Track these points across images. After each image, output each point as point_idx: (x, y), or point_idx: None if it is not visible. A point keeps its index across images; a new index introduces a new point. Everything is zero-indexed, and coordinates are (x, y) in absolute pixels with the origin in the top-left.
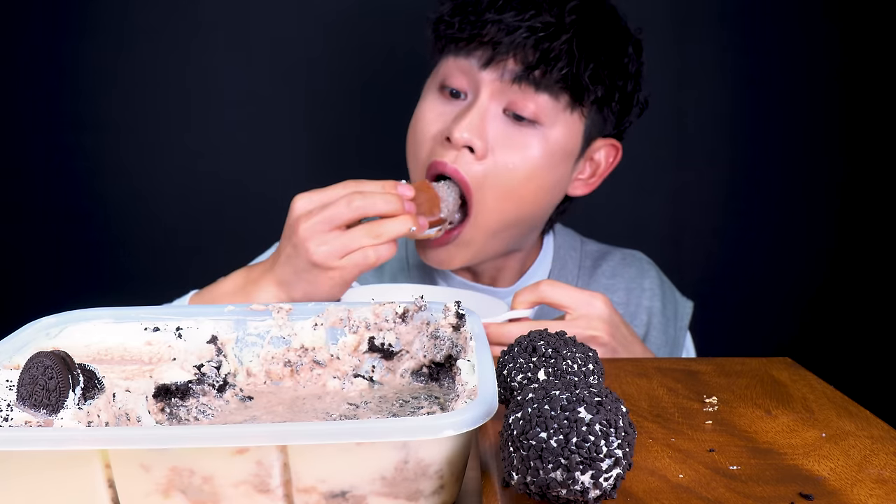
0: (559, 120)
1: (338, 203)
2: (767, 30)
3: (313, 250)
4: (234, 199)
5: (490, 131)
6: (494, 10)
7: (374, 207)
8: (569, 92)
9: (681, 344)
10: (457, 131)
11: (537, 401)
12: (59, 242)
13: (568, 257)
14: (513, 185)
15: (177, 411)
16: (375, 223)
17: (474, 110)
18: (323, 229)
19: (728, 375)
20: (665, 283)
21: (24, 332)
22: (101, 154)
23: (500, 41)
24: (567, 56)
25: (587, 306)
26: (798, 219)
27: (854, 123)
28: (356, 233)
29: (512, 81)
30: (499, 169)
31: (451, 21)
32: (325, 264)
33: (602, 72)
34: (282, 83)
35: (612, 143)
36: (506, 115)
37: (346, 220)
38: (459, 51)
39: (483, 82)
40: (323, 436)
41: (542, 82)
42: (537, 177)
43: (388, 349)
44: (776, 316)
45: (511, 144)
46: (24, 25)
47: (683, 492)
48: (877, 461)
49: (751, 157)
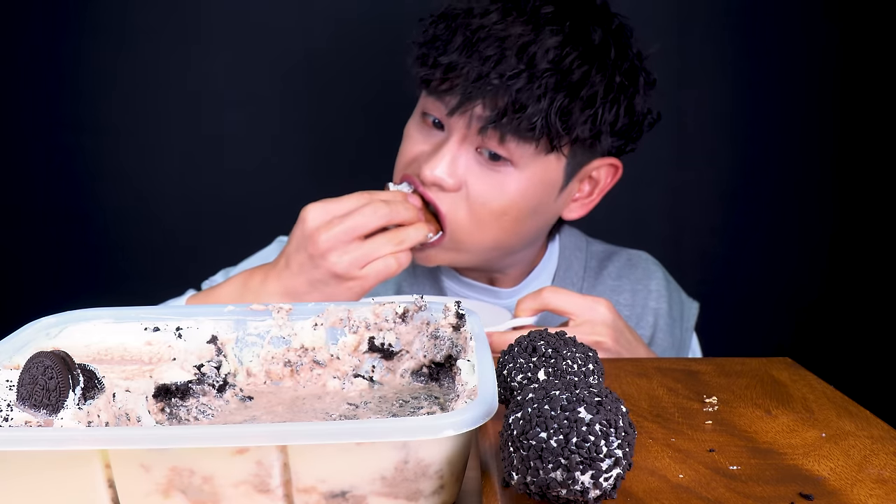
0: (535, 161)
1: (362, 211)
2: (768, 30)
3: (335, 260)
4: (234, 200)
5: (461, 168)
6: (463, 53)
7: (399, 216)
8: (544, 138)
9: (687, 345)
10: (427, 170)
11: (537, 401)
12: (59, 243)
13: (573, 258)
14: (487, 216)
15: (177, 411)
16: (396, 231)
17: (445, 151)
18: (345, 239)
19: (728, 375)
20: (671, 284)
21: (24, 332)
22: (101, 155)
23: (468, 89)
24: (535, 106)
25: (591, 312)
26: (798, 219)
27: (854, 124)
28: (379, 241)
29: (480, 129)
30: (472, 200)
31: (425, 58)
32: (348, 274)
33: (587, 112)
34: (282, 85)
35: (610, 163)
36: (479, 152)
37: (370, 230)
38: (430, 92)
39: (453, 127)
40: (323, 436)
41: (511, 131)
42: (513, 209)
43: (388, 349)
44: (776, 316)
45: (484, 180)
46: (24, 26)
47: (683, 492)
48: (877, 461)
49: (751, 157)
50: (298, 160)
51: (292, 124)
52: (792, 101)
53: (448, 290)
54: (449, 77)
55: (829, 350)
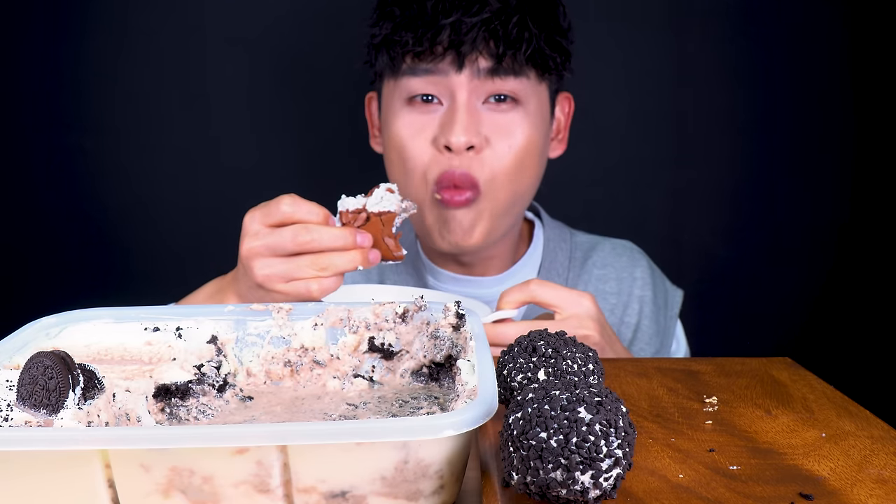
0: (533, 93)
1: (283, 232)
2: (769, 29)
3: (257, 271)
4: (235, 199)
5: (481, 126)
6: (442, 14)
7: (320, 243)
8: (536, 66)
9: (671, 332)
10: (454, 136)
11: (537, 401)
12: (60, 243)
13: (558, 249)
14: (515, 164)
15: (177, 411)
16: (321, 256)
17: (461, 112)
18: (267, 253)
19: (728, 375)
20: (656, 272)
21: (24, 332)
22: (102, 155)
23: (461, 42)
24: (526, 34)
25: (576, 306)
26: (798, 218)
27: (855, 124)
28: (301, 262)
29: (485, 76)
30: (499, 155)
31: (402, 39)
32: (268, 286)
33: (554, 37)
34: (283, 85)
35: (564, 96)
36: (487, 104)
37: (288, 252)
38: (420, 63)
39: (457, 85)
40: (323, 436)
41: (513, 67)
42: (532, 150)
43: (388, 349)
44: (776, 316)
45: (501, 130)
46: (24, 26)
47: (683, 492)
48: (877, 461)
49: (751, 157)
50: (300, 160)
51: (293, 124)
52: (792, 101)
53: (429, 282)
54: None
55: (829, 350)
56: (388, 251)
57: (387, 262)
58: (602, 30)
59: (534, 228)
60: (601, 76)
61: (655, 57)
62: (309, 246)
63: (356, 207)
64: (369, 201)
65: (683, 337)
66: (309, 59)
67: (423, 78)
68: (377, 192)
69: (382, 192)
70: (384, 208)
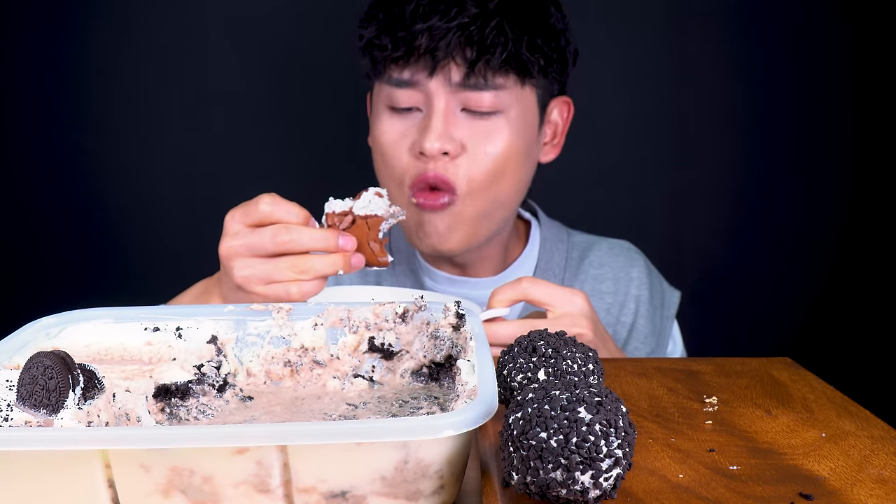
0: (514, 100)
1: (262, 232)
2: (769, 29)
3: (236, 272)
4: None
5: (456, 132)
6: (420, 18)
7: (300, 244)
8: (515, 71)
9: (668, 333)
10: (427, 143)
11: (537, 401)
12: (60, 242)
13: (555, 249)
14: (493, 170)
15: (177, 411)
16: (303, 258)
17: (436, 119)
18: (246, 254)
19: (728, 375)
20: (652, 272)
21: (24, 332)
22: (102, 154)
23: (436, 48)
24: (502, 38)
25: (569, 304)
26: (798, 219)
27: (856, 124)
28: (280, 264)
29: (460, 84)
30: (476, 161)
31: (382, 43)
32: (247, 288)
33: (536, 41)
34: (283, 85)
35: (563, 101)
36: (465, 112)
37: (268, 252)
38: (399, 69)
39: (433, 92)
40: (323, 436)
41: (487, 74)
42: (513, 156)
43: (388, 349)
44: (776, 316)
45: (479, 137)
46: (24, 26)
47: (683, 492)
48: (877, 461)
49: (751, 157)
50: (300, 159)
51: (294, 123)
52: (792, 101)
53: (426, 284)
54: (413, 46)
55: (829, 350)
56: (372, 256)
57: (371, 267)
58: (602, 30)
59: (530, 228)
60: (601, 77)
61: (655, 57)
62: (288, 246)
63: (343, 210)
64: (356, 204)
65: (680, 338)
66: (309, 58)
67: (402, 90)
68: (365, 196)
69: (371, 195)
70: (371, 212)
